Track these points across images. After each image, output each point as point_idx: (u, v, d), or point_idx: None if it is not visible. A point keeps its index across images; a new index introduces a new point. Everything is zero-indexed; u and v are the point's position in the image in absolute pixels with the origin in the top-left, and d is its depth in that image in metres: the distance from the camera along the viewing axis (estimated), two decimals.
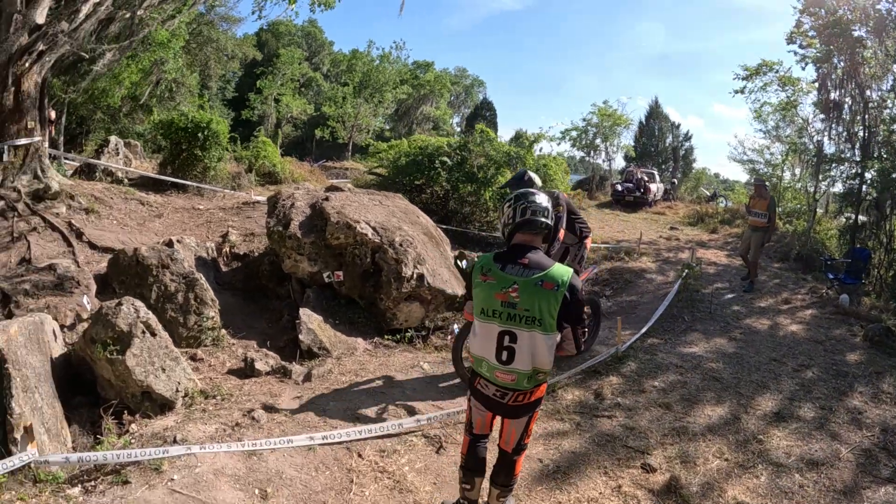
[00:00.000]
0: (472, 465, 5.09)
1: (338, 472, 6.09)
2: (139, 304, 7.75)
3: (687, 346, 10.79)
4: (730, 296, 14.06)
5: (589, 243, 9.54)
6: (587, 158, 47.35)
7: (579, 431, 7.47)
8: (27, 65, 13.73)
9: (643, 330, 11.21)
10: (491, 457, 5.16)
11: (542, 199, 4.76)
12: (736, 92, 23.02)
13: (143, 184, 18.34)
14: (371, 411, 7.45)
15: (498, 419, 5.02)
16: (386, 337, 10.24)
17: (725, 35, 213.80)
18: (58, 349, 7.88)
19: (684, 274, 14.65)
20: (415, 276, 10.61)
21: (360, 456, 6.39)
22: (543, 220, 4.70)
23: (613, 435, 7.41)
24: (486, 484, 5.24)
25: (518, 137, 36.28)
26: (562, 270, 4.55)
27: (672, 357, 10.20)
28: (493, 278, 4.55)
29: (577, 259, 9.41)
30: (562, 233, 8.86)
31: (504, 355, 4.56)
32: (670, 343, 10.96)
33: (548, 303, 4.47)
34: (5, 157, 13.91)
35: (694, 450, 7.16)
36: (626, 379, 9.19)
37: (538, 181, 8.64)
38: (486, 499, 5.31)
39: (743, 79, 22.63)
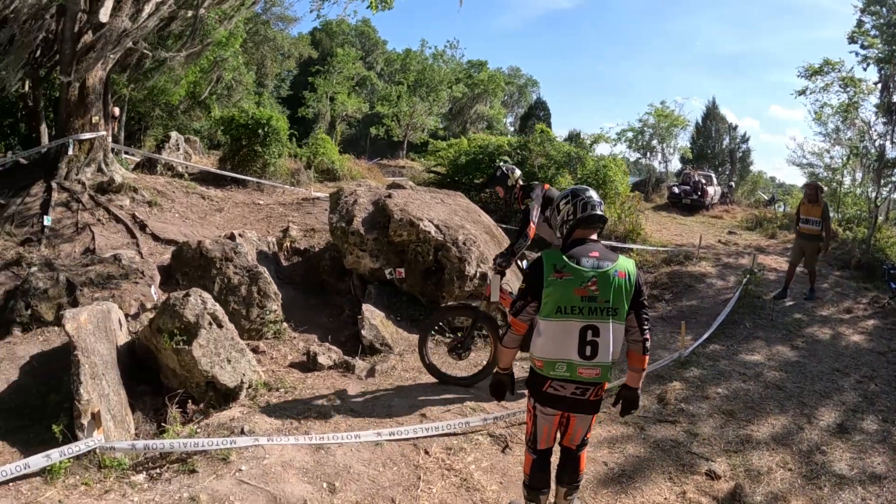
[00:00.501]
0: (537, 485, 5.01)
1: (405, 469, 6.07)
2: (206, 295, 7.82)
3: (749, 354, 10.58)
4: (790, 303, 13.71)
5: None
6: (643, 160, 46.81)
7: (643, 436, 7.40)
8: (91, 62, 13.97)
9: (705, 335, 11.03)
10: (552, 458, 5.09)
11: (595, 194, 4.80)
12: (798, 93, 22.44)
13: (204, 178, 18.62)
14: (436, 408, 7.41)
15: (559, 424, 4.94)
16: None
17: (782, 34, 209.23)
18: (123, 337, 8.00)
19: (745, 280, 14.35)
20: (478, 274, 10.54)
21: (426, 453, 6.37)
22: (601, 213, 4.73)
23: (677, 441, 7.32)
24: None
25: (572, 138, 35.97)
26: (628, 261, 4.66)
27: (735, 364, 10.03)
28: (570, 274, 4.46)
29: None
30: (532, 228, 8.10)
31: (588, 350, 4.48)
32: (732, 349, 10.77)
33: (624, 292, 4.52)
34: (70, 151, 14.18)
35: (758, 458, 7.04)
36: (690, 385, 9.07)
37: (517, 171, 8.48)
38: (552, 499, 5.23)
39: (806, 77, 22.03)
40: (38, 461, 5.41)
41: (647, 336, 4.66)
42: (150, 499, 5.17)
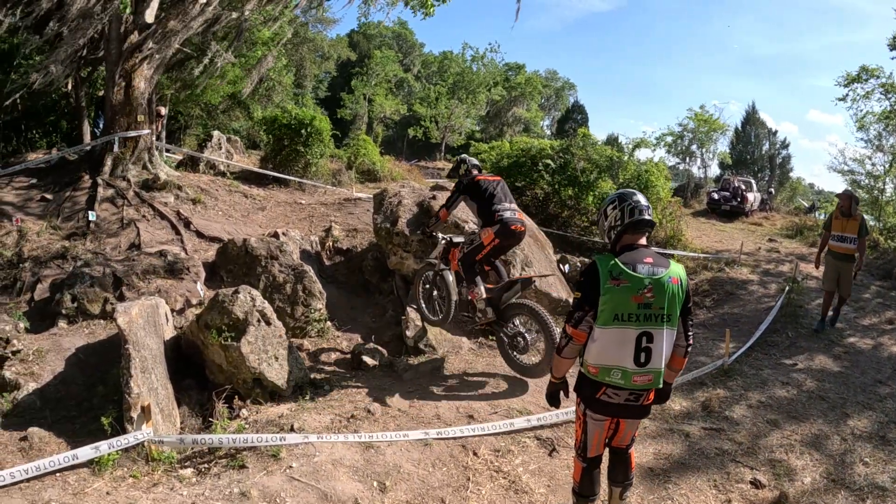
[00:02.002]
0: (587, 492, 4.98)
1: (454, 469, 6.07)
2: (255, 292, 7.85)
3: (791, 363, 10.44)
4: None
5: (486, 236, 8.29)
6: (681, 165, 46.15)
7: (689, 443, 7.34)
8: (137, 62, 14.14)
9: (749, 343, 10.89)
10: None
11: (643, 199, 4.71)
12: (839, 100, 22.21)
13: (246, 177, 18.82)
14: (482, 410, 7.39)
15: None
16: (490, 337, 10.07)
17: (819, 37, 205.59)
18: (169, 332, 8.06)
19: (787, 289, 14.12)
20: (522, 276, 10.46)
21: (475, 454, 6.35)
22: (650, 217, 4.64)
23: (722, 448, 7.26)
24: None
25: (611, 142, 35.63)
26: (679, 266, 4.62)
27: (777, 373, 9.90)
28: (627, 281, 4.39)
29: (467, 249, 8.53)
30: (444, 213, 8.88)
31: (643, 357, 4.45)
32: (774, 358, 10.64)
33: (678, 299, 4.49)
34: (116, 149, 14.38)
35: (802, 468, 6.97)
36: (733, 392, 8.98)
37: (470, 161, 8.80)
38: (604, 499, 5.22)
39: (844, 85, 21.78)
40: (86, 452, 5.48)
41: (691, 341, 4.68)
42: (199, 493, 5.20)
